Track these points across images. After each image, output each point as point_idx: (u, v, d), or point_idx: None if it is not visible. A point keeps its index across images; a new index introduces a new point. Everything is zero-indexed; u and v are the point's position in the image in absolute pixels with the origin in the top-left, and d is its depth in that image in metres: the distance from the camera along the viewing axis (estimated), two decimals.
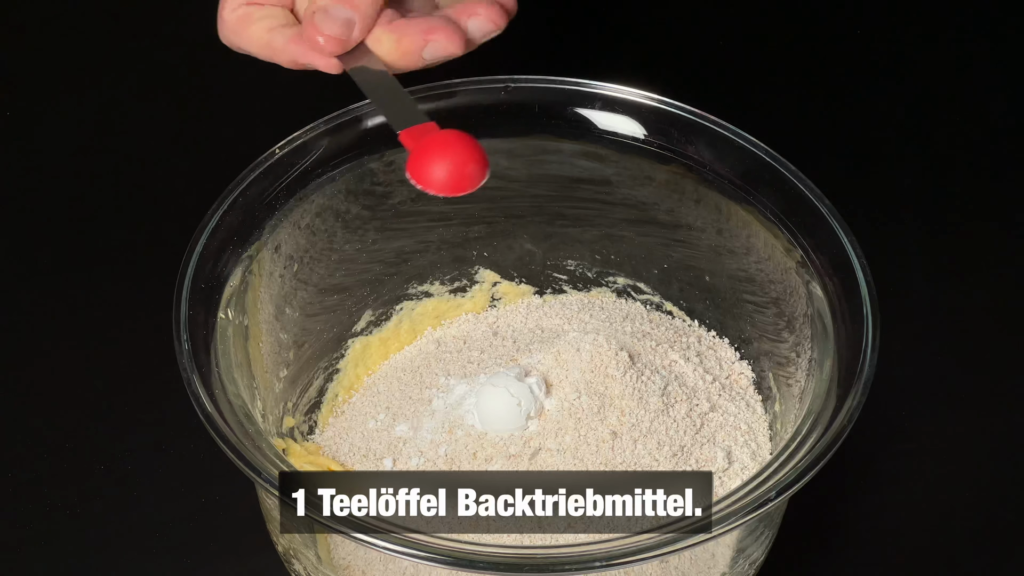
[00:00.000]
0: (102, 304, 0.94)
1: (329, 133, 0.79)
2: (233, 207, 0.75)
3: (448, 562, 0.61)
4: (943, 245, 0.99)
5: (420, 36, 0.71)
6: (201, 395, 0.67)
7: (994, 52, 1.14)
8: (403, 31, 0.71)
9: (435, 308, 0.87)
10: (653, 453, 0.75)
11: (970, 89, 1.11)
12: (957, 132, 1.08)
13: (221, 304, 0.72)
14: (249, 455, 0.65)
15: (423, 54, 0.72)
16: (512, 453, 0.76)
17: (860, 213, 0.79)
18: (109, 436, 0.86)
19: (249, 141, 0.82)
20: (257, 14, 0.74)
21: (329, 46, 0.72)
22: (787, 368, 0.78)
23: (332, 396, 0.84)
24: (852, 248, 0.73)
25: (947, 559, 0.82)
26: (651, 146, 0.80)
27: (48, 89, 1.10)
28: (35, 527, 0.82)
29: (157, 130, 1.07)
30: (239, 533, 0.81)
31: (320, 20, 0.71)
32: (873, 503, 0.84)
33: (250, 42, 0.75)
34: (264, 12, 0.74)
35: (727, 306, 0.84)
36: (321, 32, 0.71)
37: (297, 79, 1.11)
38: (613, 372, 0.77)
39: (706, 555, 0.73)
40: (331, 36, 0.71)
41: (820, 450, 0.65)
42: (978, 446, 0.87)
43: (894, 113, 1.09)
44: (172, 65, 1.12)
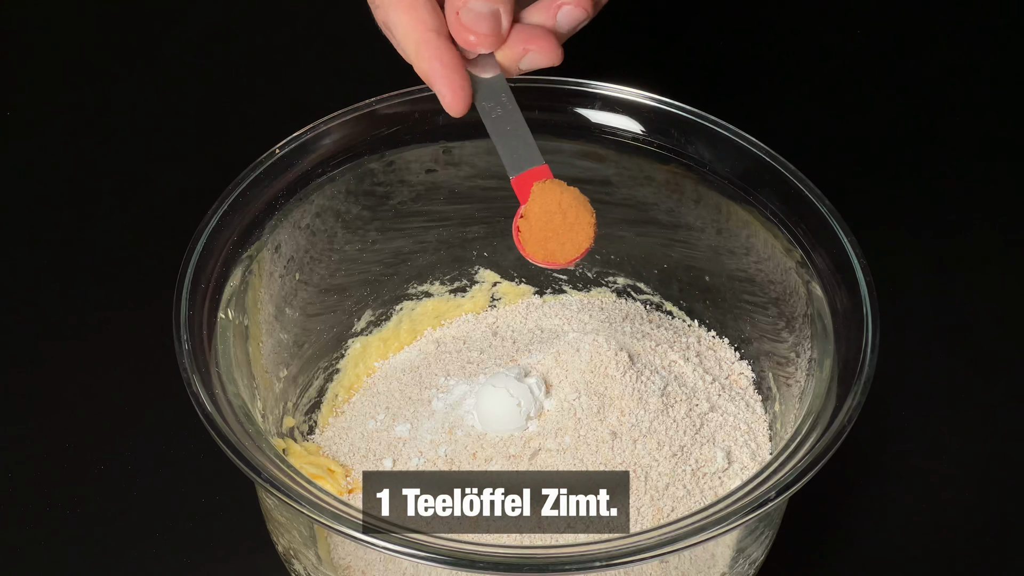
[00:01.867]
0: (102, 304, 0.94)
1: (329, 133, 0.79)
2: (233, 207, 0.75)
3: (448, 562, 0.61)
4: (943, 245, 0.99)
5: (520, 46, 0.69)
6: (201, 395, 0.67)
7: (994, 51, 1.14)
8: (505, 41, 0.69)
9: (435, 308, 0.88)
10: (653, 453, 0.75)
11: (970, 89, 1.11)
12: (957, 132, 1.08)
13: (221, 304, 0.73)
14: (249, 455, 0.65)
15: (520, 64, 0.70)
16: (512, 453, 0.76)
17: (860, 213, 0.79)
18: (109, 436, 0.86)
19: (249, 141, 0.82)
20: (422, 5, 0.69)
21: (482, 44, 0.68)
22: (787, 368, 0.78)
23: (332, 396, 0.84)
24: (852, 248, 0.73)
25: (947, 559, 0.82)
26: (651, 146, 0.80)
27: (48, 89, 1.10)
28: (35, 527, 0.82)
29: (157, 130, 1.07)
30: (239, 533, 0.81)
31: (468, 19, 0.68)
32: (873, 503, 0.84)
33: (402, 30, 0.69)
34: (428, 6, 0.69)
35: (727, 306, 0.84)
36: (473, 31, 0.68)
37: (297, 79, 1.12)
38: (613, 372, 0.77)
39: (706, 555, 0.73)
40: (483, 34, 0.68)
41: (820, 450, 0.65)
42: (978, 446, 0.87)
43: (894, 113, 1.09)
44: (172, 65, 1.12)
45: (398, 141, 0.80)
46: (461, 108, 0.68)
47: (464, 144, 0.81)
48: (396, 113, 0.80)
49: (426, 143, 0.80)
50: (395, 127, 0.80)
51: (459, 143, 0.80)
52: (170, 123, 1.07)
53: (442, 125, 0.80)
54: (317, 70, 1.12)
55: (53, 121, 1.07)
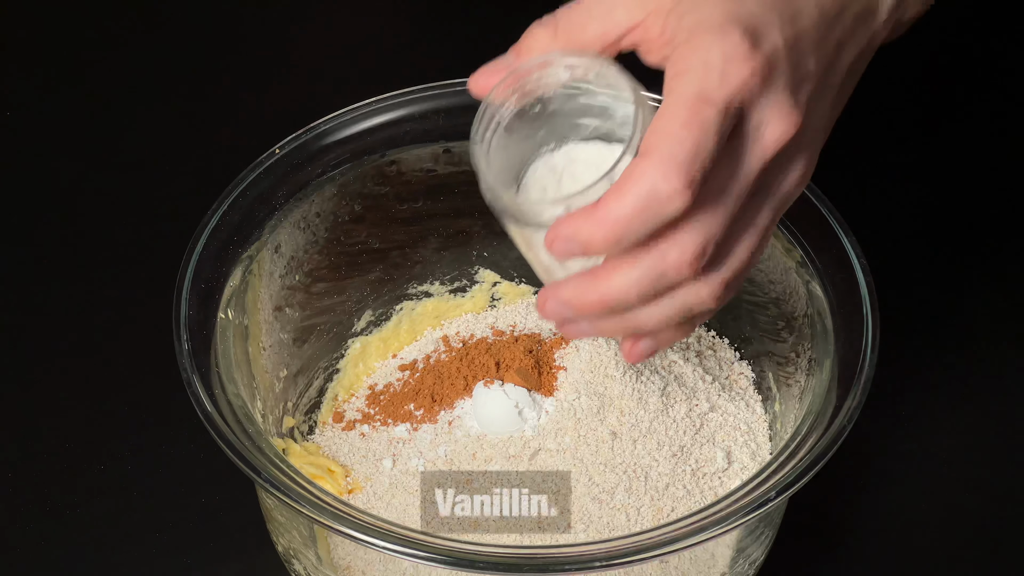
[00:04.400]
0: (102, 304, 0.94)
1: (329, 133, 0.79)
2: (233, 207, 0.75)
3: (448, 562, 0.61)
4: (943, 245, 0.99)
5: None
6: (201, 395, 0.68)
7: (994, 51, 1.14)
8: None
9: (435, 308, 0.87)
10: (652, 453, 0.75)
11: (970, 88, 1.11)
12: (957, 132, 1.08)
13: (221, 304, 0.72)
14: (249, 455, 0.65)
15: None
16: (512, 454, 0.76)
17: (860, 213, 0.79)
18: (109, 436, 0.86)
19: (249, 141, 0.82)
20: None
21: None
22: (787, 368, 0.78)
23: (332, 396, 0.84)
24: (852, 248, 0.73)
25: (947, 559, 0.82)
26: None
27: (48, 89, 1.10)
28: (35, 527, 0.82)
29: (157, 130, 1.07)
30: (239, 533, 0.81)
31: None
32: (873, 503, 0.84)
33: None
34: None
35: (727, 306, 0.83)
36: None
37: (297, 79, 1.12)
38: (612, 372, 0.77)
39: (706, 555, 0.73)
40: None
41: (820, 450, 0.65)
42: (978, 446, 0.87)
43: (894, 113, 1.09)
44: (172, 65, 1.12)
45: (398, 141, 0.80)
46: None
47: (464, 144, 0.81)
48: (396, 113, 0.80)
49: (426, 143, 0.80)
50: (395, 127, 0.80)
51: (459, 143, 0.80)
52: (170, 123, 1.07)
53: (442, 125, 0.80)
54: (317, 70, 1.12)
55: (53, 121, 1.07)
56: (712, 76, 0.57)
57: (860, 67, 0.65)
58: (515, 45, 0.63)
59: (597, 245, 0.57)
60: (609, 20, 0.61)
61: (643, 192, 0.56)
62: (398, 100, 0.80)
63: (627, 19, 0.61)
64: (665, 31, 0.59)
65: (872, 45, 0.65)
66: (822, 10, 0.61)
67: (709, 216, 0.58)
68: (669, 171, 0.56)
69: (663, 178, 0.56)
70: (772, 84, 0.58)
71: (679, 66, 0.58)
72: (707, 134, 0.56)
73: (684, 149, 0.56)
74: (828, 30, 0.61)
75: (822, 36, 0.61)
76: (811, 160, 0.62)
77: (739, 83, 0.57)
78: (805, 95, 0.60)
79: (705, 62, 0.57)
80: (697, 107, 0.56)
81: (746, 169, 0.59)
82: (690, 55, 0.58)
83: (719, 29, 0.58)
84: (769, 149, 0.59)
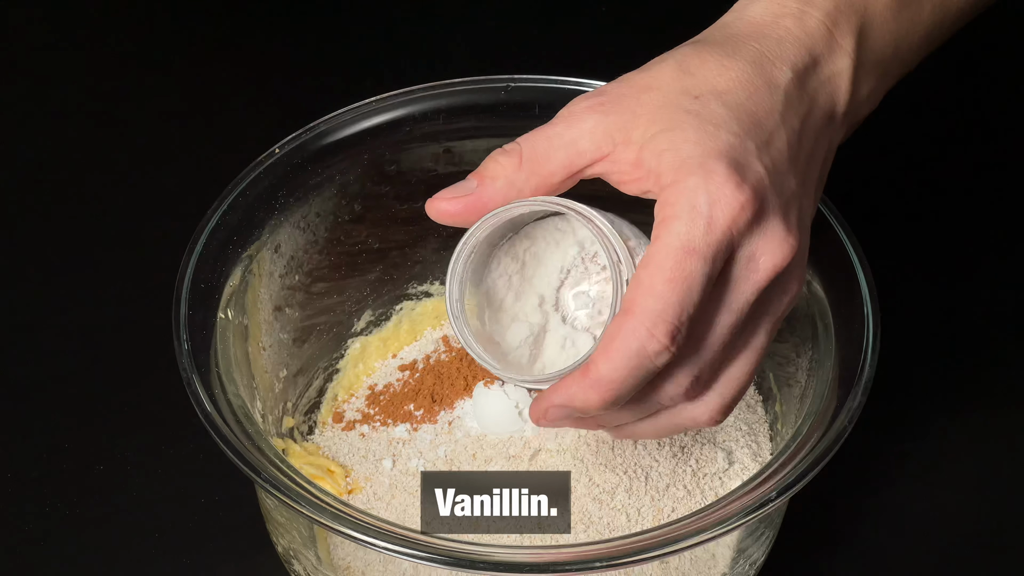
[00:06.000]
0: (102, 304, 0.94)
1: (329, 133, 0.79)
2: (233, 207, 0.75)
3: (448, 562, 0.61)
4: (943, 245, 0.99)
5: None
6: (201, 395, 0.67)
7: (994, 50, 1.14)
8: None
9: (435, 308, 0.87)
10: (653, 453, 0.75)
11: (970, 88, 1.11)
12: (957, 132, 1.08)
13: (221, 304, 0.72)
14: (249, 455, 0.65)
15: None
16: (512, 454, 0.76)
17: (860, 213, 0.78)
18: (109, 436, 0.86)
19: (249, 141, 0.82)
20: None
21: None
22: (787, 368, 0.78)
23: (332, 396, 0.84)
24: (852, 248, 0.73)
25: (947, 559, 0.82)
26: None
27: (48, 89, 1.10)
28: (35, 527, 0.82)
29: (157, 130, 1.07)
30: (239, 533, 0.81)
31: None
32: (873, 503, 0.84)
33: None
34: None
35: None
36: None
37: (297, 79, 1.11)
38: None
39: (706, 555, 0.73)
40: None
41: (820, 450, 0.65)
42: (978, 446, 0.87)
43: (894, 112, 1.09)
44: (172, 65, 1.12)
45: (398, 141, 0.80)
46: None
47: (464, 144, 0.81)
48: (396, 113, 0.79)
49: (426, 143, 0.80)
50: (395, 127, 0.80)
51: (459, 143, 0.80)
52: (170, 123, 1.07)
53: (442, 125, 0.80)
54: (317, 70, 1.12)
55: (53, 121, 1.07)
56: (698, 224, 0.57)
57: (826, 171, 0.66)
58: (477, 171, 0.63)
59: (594, 408, 0.59)
60: (573, 150, 0.61)
61: (631, 351, 0.57)
62: (398, 100, 0.80)
63: (593, 151, 0.61)
64: (641, 165, 0.59)
65: (833, 148, 0.66)
66: (789, 128, 0.61)
67: (704, 350, 0.60)
68: (655, 328, 0.57)
69: (648, 336, 0.57)
70: (763, 214, 0.59)
71: (666, 211, 0.58)
72: (692, 288, 0.57)
73: (668, 305, 0.57)
74: (799, 146, 0.62)
75: (794, 154, 0.62)
76: (803, 273, 0.63)
77: (727, 224, 0.58)
78: (795, 216, 0.61)
79: (692, 207, 0.57)
80: (683, 260, 0.57)
81: (740, 301, 0.60)
82: (677, 199, 0.58)
83: (702, 168, 0.58)
84: (764, 277, 0.60)
